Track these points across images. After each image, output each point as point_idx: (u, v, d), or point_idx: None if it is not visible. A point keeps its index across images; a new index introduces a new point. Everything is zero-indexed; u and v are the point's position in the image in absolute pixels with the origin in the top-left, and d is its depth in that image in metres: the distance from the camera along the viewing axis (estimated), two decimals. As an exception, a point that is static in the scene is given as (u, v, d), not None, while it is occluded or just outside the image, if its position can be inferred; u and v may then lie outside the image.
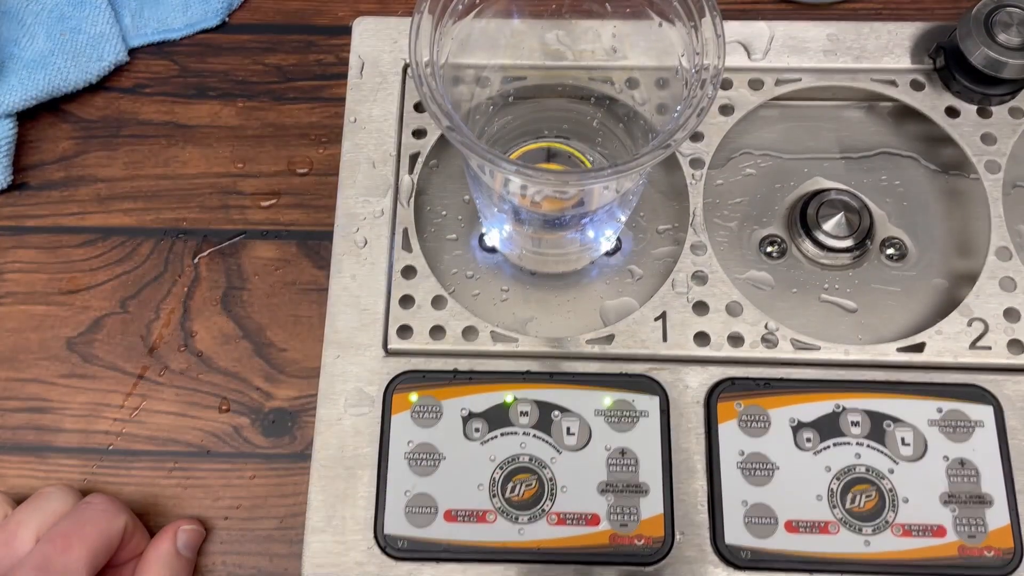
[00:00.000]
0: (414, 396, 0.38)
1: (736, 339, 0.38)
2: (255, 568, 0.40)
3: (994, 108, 0.42)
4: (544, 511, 0.36)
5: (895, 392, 0.38)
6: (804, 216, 0.41)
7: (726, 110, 0.42)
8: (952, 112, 0.42)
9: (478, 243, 0.43)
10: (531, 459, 0.37)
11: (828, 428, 0.37)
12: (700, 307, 0.39)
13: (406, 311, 0.39)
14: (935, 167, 0.44)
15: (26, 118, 0.47)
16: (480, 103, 0.38)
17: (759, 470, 0.37)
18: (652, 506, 0.36)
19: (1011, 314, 0.38)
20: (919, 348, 0.38)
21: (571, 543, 0.36)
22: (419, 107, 0.43)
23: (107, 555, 0.36)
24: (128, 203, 0.46)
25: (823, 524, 0.36)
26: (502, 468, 0.37)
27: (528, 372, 0.38)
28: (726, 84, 0.43)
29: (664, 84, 0.35)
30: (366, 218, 0.41)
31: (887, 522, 0.36)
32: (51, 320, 0.44)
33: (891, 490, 0.36)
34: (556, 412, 0.38)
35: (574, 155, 0.42)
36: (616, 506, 0.36)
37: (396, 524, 0.36)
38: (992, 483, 0.36)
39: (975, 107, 0.42)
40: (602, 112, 0.40)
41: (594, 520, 0.36)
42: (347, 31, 0.45)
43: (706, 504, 0.36)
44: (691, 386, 0.38)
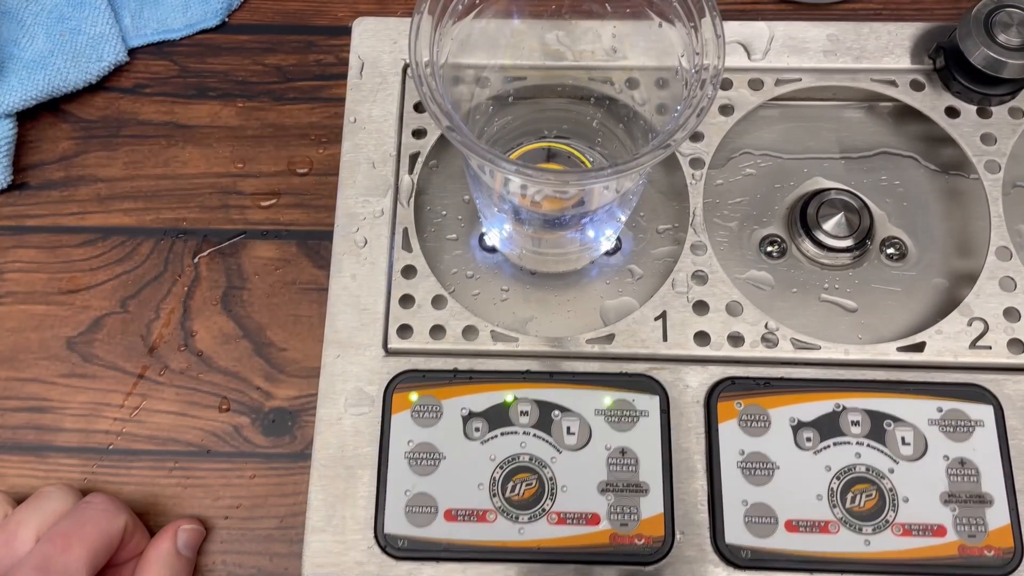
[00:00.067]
0: (414, 396, 0.38)
1: (736, 339, 0.38)
2: (255, 568, 0.40)
3: (994, 108, 0.42)
4: (544, 511, 0.36)
5: (895, 392, 0.38)
6: (804, 216, 0.41)
7: (726, 110, 0.42)
8: (952, 112, 0.42)
9: (478, 243, 0.43)
10: (531, 459, 0.37)
11: (828, 428, 0.37)
12: (700, 307, 0.39)
13: (406, 311, 0.39)
14: (935, 167, 0.44)
15: (26, 118, 0.47)
16: (480, 103, 0.38)
17: (759, 470, 0.37)
18: (652, 506, 0.36)
19: (1011, 314, 0.38)
20: (919, 348, 0.38)
21: (571, 543, 0.36)
22: (419, 107, 0.43)
23: (107, 555, 0.36)
24: (128, 203, 0.46)
25: (823, 524, 0.36)
26: (502, 468, 0.37)
27: (528, 372, 0.38)
28: (726, 84, 0.43)
29: (664, 84, 0.35)
30: (366, 218, 0.41)
31: (887, 522, 0.36)
32: (51, 320, 0.44)
33: (891, 490, 0.36)
34: (556, 412, 0.38)
35: (574, 155, 0.42)
36: (616, 506, 0.36)
37: (396, 524, 0.36)
38: (992, 483, 0.36)
39: (975, 107, 0.42)
40: (602, 112, 0.40)
41: (594, 520, 0.36)
42: (347, 31, 0.45)
43: (706, 504, 0.37)
44: (691, 386, 0.38)
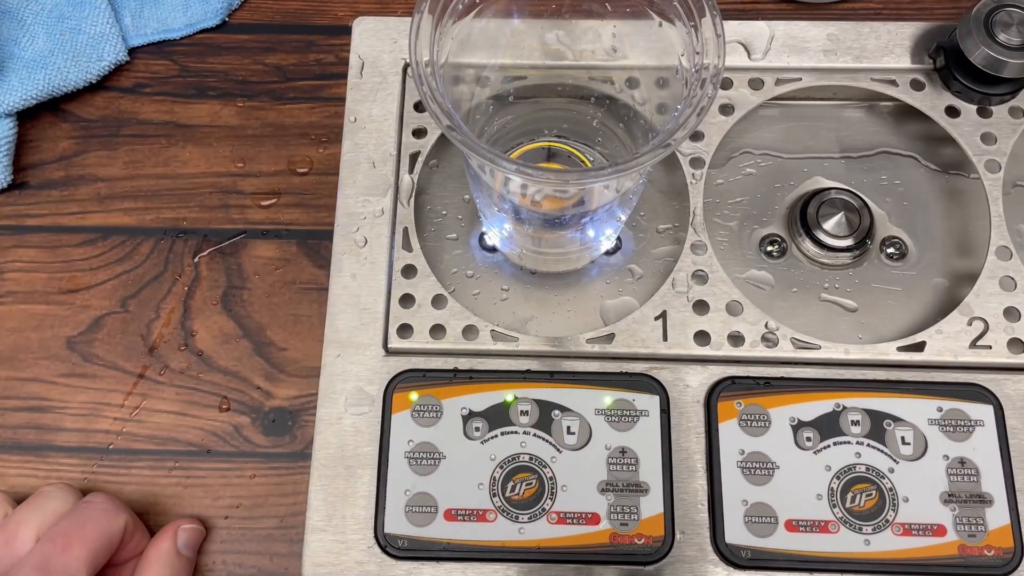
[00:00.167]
0: (414, 395, 0.38)
1: (736, 338, 0.38)
2: (255, 567, 0.40)
3: (994, 108, 0.42)
4: (544, 510, 0.36)
5: (895, 391, 0.38)
6: (804, 215, 0.41)
7: (726, 110, 0.42)
8: (952, 112, 0.42)
9: (478, 242, 0.43)
10: (531, 458, 0.37)
11: (828, 427, 0.37)
12: (700, 306, 0.39)
13: (406, 310, 0.39)
14: (935, 167, 0.44)
15: (26, 118, 0.47)
16: (480, 102, 0.38)
17: (759, 469, 0.37)
18: (652, 505, 0.36)
19: (1011, 313, 0.38)
20: (919, 347, 0.38)
21: (571, 542, 0.36)
22: (419, 107, 0.43)
23: (107, 554, 0.36)
24: (128, 203, 0.46)
25: (823, 523, 0.36)
26: (502, 467, 0.37)
27: (528, 371, 0.38)
28: (726, 84, 0.43)
29: (664, 84, 0.35)
30: (366, 217, 0.41)
31: (887, 521, 0.36)
32: (51, 319, 0.44)
33: (891, 489, 0.36)
34: (556, 411, 0.38)
35: (574, 155, 0.42)
36: (616, 505, 0.36)
37: (396, 523, 0.36)
38: (992, 482, 0.36)
39: (975, 107, 0.42)
40: (602, 112, 0.40)
41: (594, 519, 0.36)
42: (347, 31, 0.45)
43: (706, 503, 0.37)
44: (691, 385, 0.38)
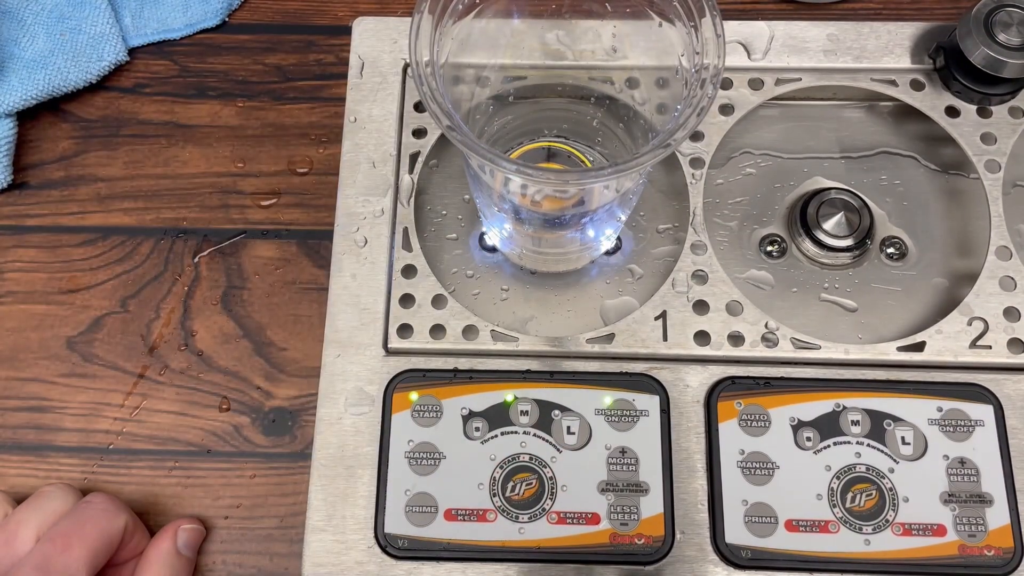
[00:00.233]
0: (414, 395, 0.38)
1: (736, 338, 0.38)
2: (255, 567, 0.40)
3: (994, 108, 0.42)
4: (544, 510, 0.36)
5: (895, 391, 0.38)
6: (804, 215, 0.41)
7: (726, 110, 0.42)
8: (952, 112, 0.42)
9: (478, 242, 0.43)
10: (531, 458, 0.37)
11: (828, 427, 0.37)
12: (700, 306, 0.39)
13: (406, 310, 0.39)
14: (935, 167, 0.44)
15: (26, 118, 0.47)
16: (480, 103, 0.38)
17: (759, 469, 0.37)
18: (652, 505, 0.36)
19: (1011, 313, 0.38)
20: (919, 347, 0.38)
21: (571, 542, 0.36)
22: (419, 107, 0.43)
23: (107, 554, 0.36)
24: (128, 203, 0.46)
25: (823, 523, 0.36)
26: (502, 467, 0.37)
27: (528, 371, 0.38)
28: (726, 84, 0.43)
29: (664, 84, 0.35)
30: (366, 217, 0.41)
31: (887, 521, 0.36)
32: (51, 319, 0.44)
33: (891, 489, 0.36)
34: (556, 411, 0.38)
35: (574, 155, 0.42)
36: (616, 505, 0.36)
37: (396, 523, 0.36)
38: (992, 482, 0.36)
39: (975, 107, 0.42)
40: (602, 112, 0.40)
41: (594, 519, 0.36)
42: (347, 31, 0.45)
43: (706, 503, 0.37)
44: (691, 385, 0.38)
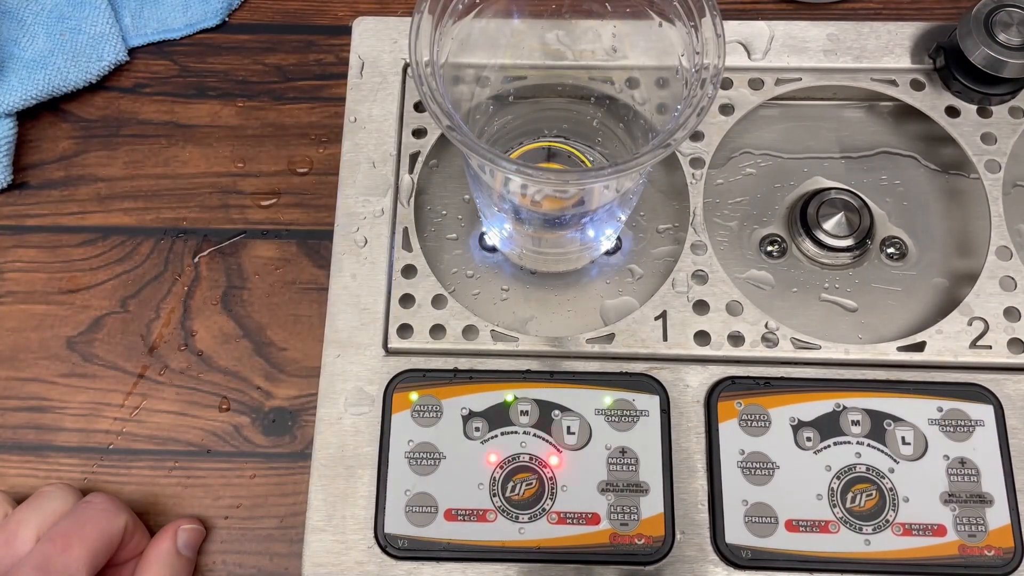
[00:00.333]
0: (414, 395, 0.38)
1: (736, 338, 0.38)
2: (255, 567, 0.40)
3: (994, 108, 0.42)
4: (544, 510, 0.36)
5: (895, 391, 0.38)
6: (804, 215, 0.41)
7: (726, 110, 0.42)
8: (952, 112, 0.42)
9: (478, 242, 0.43)
10: (531, 458, 0.37)
11: (828, 427, 0.37)
12: (700, 306, 0.39)
13: (406, 310, 0.39)
14: (935, 167, 0.44)
15: (26, 118, 0.47)
16: (480, 102, 0.38)
17: (759, 469, 0.37)
18: (652, 505, 0.36)
19: (1011, 313, 0.38)
20: (919, 347, 0.38)
21: (571, 542, 0.36)
22: (419, 107, 0.43)
23: (107, 554, 0.36)
24: (128, 203, 0.46)
25: (823, 523, 0.36)
26: (502, 467, 0.37)
27: (528, 371, 0.38)
28: (726, 84, 0.43)
29: (664, 84, 0.35)
30: (366, 217, 0.41)
31: (887, 521, 0.36)
32: (51, 319, 0.44)
33: (891, 489, 0.36)
34: (556, 411, 0.38)
35: (574, 155, 0.42)
36: (616, 505, 0.36)
37: (396, 523, 0.36)
38: (992, 482, 0.36)
39: (975, 107, 0.42)
40: (602, 112, 0.40)
41: (594, 519, 0.36)
42: (347, 31, 0.45)
43: (706, 503, 0.36)
44: (691, 385, 0.38)
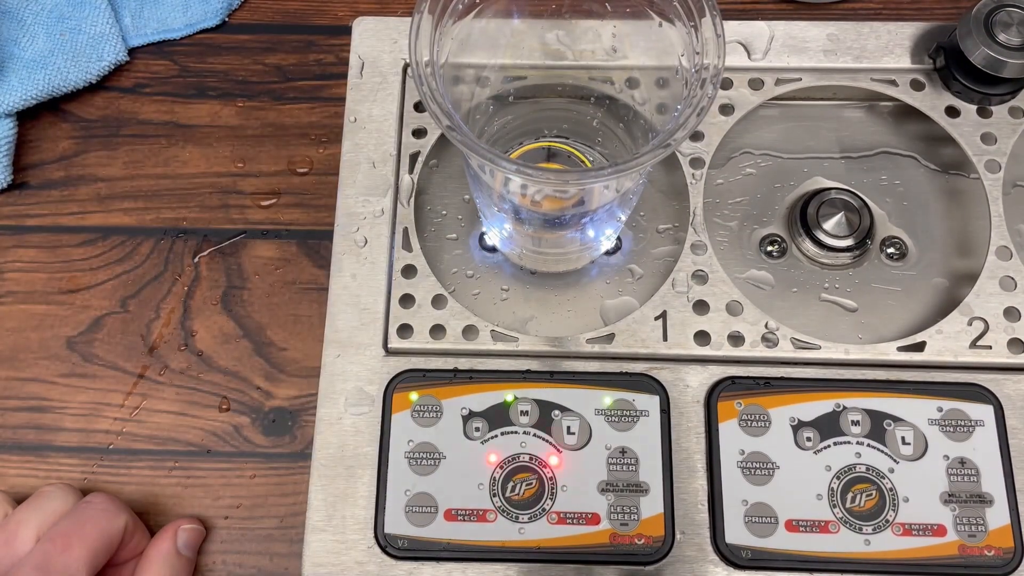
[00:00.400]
0: (414, 395, 0.38)
1: (736, 338, 0.38)
2: (255, 567, 0.40)
3: (994, 108, 0.42)
4: (544, 510, 0.36)
5: (895, 391, 0.38)
6: (804, 216, 0.41)
7: (726, 110, 0.42)
8: (952, 112, 0.42)
9: (478, 242, 0.43)
10: (531, 458, 0.37)
11: (828, 427, 0.37)
12: (700, 306, 0.39)
13: (406, 310, 0.39)
14: (935, 167, 0.44)
15: (26, 118, 0.47)
16: (480, 103, 0.38)
17: (759, 469, 0.37)
18: (652, 505, 0.36)
19: (1011, 313, 0.38)
20: (919, 347, 0.38)
21: (571, 542, 0.36)
22: (419, 107, 0.43)
23: (107, 554, 0.36)
24: (128, 203, 0.46)
25: (823, 523, 0.36)
26: (502, 467, 0.37)
27: (528, 371, 0.38)
28: (726, 84, 0.43)
29: (664, 84, 0.35)
30: (366, 217, 0.41)
31: (887, 521, 0.36)
32: (51, 319, 0.44)
33: (891, 489, 0.36)
34: (556, 411, 0.38)
35: (574, 155, 0.42)
36: (616, 505, 0.36)
37: (396, 523, 0.36)
38: (992, 482, 0.36)
39: (975, 107, 0.42)
40: (602, 112, 0.40)
41: (594, 519, 0.36)
42: (347, 31, 0.45)
43: (706, 503, 0.36)
44: (691, 385, 0.38)
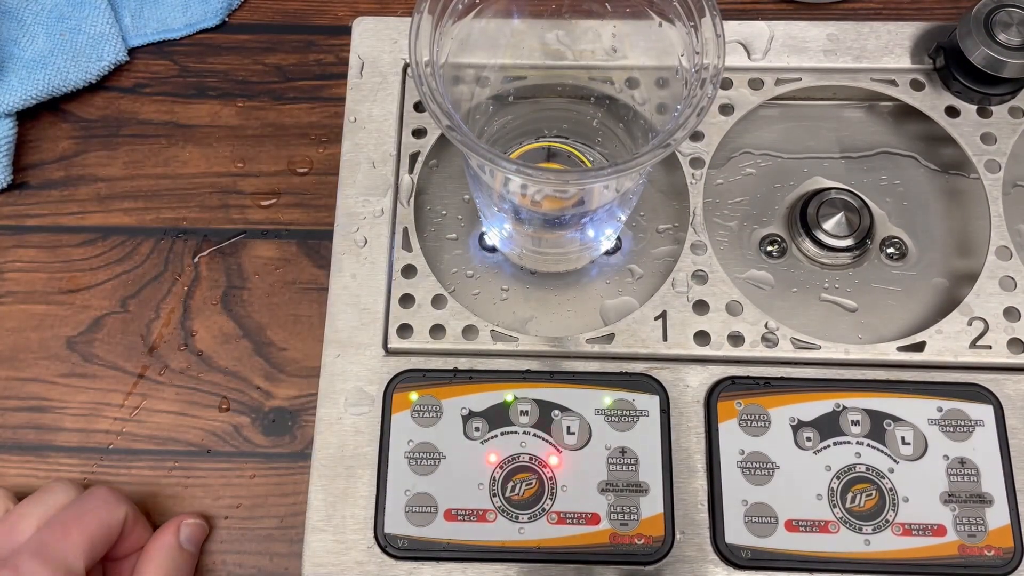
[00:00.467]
0: (414, 395, 0.38)
1: (736, 338, 0.38)
2: (255, 567, 0.40)
3: (994, 108, 0.42)
4: (544, 510, 0.36)
5: (895, 391, 0.38)
6: (804, 215, 0.41)
7: (726, 110, 0.42)
8: (952, 112, 0.42)
9: (478, 242, 0.43)
10: (531, 458, 0.37)
11: (828, 427, 0.37)
12: (700, 306, 0.39)
13: (406, 310, 0.39)
14: (935, 167, 0.44)
15: (26, 118, 0.47)
16: (480, 102, 0.38)
17: (759, 469, 0.37)
18: (652, 505, 0.36)
19: (1011, 313, 0.38)
20: (919, 347, 0.38)
21: (571, 542, 0.36)
22: (419, 107, 0.43)
23: (106, 544, 0.36)
24: (128, 203, 0.46)
25: (823, 523, 0.36)
26: (502, 467, 0.37)
27: (528, 371, 0.38)
28: (726, 84, 0.43)
29: (664, 84, 0.35)
30: (366, 217, 0.41)
31: (887, 521, 0.36)
32: (51, 319, 0.44)
33: (891, 489, 0.36)
34: (556, 411, 0.38)
35: (574, 155, 0.42)
36: (616, 505, 0.36)
37: (396, 523, 0.36)
38: (992, 482, 0.36)
39: (975, 107, 0.42)
40: (602, 112, 0.40)
41: (594, 519, 0.36)
42: (347, 31, 0.45)
43: (706, 503, 0.36)
44: (691, 385, 0.38)
